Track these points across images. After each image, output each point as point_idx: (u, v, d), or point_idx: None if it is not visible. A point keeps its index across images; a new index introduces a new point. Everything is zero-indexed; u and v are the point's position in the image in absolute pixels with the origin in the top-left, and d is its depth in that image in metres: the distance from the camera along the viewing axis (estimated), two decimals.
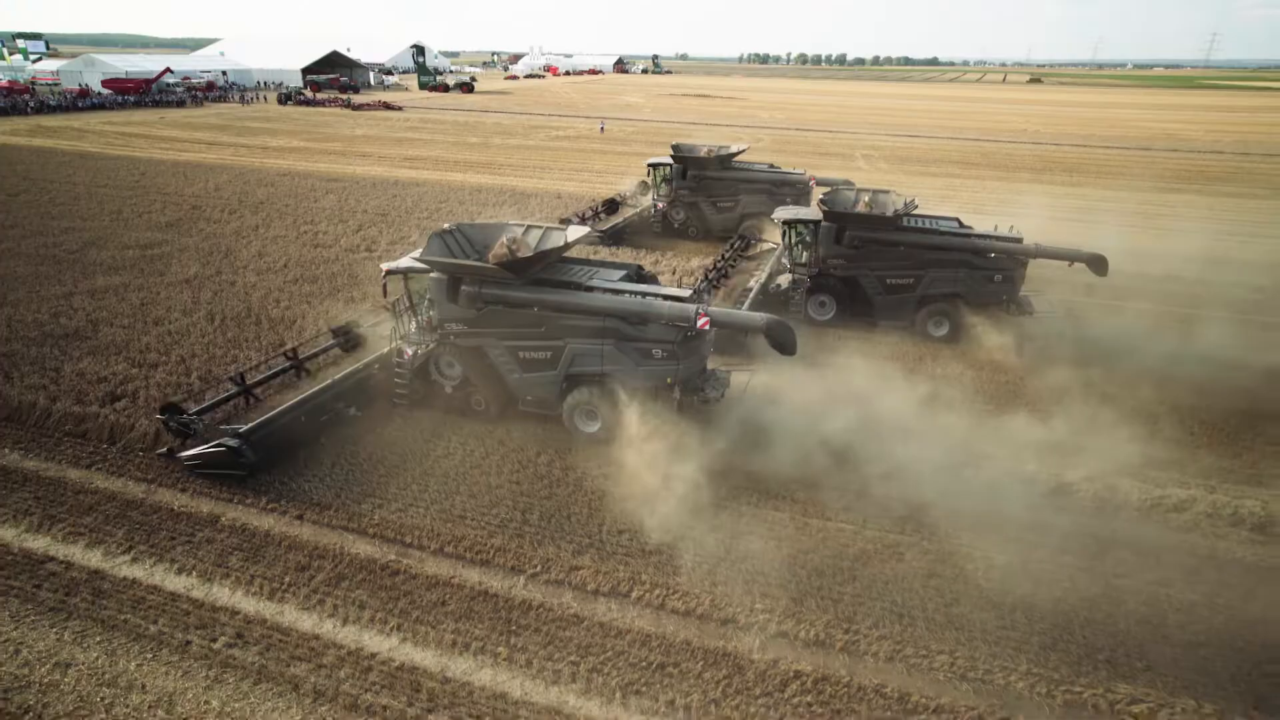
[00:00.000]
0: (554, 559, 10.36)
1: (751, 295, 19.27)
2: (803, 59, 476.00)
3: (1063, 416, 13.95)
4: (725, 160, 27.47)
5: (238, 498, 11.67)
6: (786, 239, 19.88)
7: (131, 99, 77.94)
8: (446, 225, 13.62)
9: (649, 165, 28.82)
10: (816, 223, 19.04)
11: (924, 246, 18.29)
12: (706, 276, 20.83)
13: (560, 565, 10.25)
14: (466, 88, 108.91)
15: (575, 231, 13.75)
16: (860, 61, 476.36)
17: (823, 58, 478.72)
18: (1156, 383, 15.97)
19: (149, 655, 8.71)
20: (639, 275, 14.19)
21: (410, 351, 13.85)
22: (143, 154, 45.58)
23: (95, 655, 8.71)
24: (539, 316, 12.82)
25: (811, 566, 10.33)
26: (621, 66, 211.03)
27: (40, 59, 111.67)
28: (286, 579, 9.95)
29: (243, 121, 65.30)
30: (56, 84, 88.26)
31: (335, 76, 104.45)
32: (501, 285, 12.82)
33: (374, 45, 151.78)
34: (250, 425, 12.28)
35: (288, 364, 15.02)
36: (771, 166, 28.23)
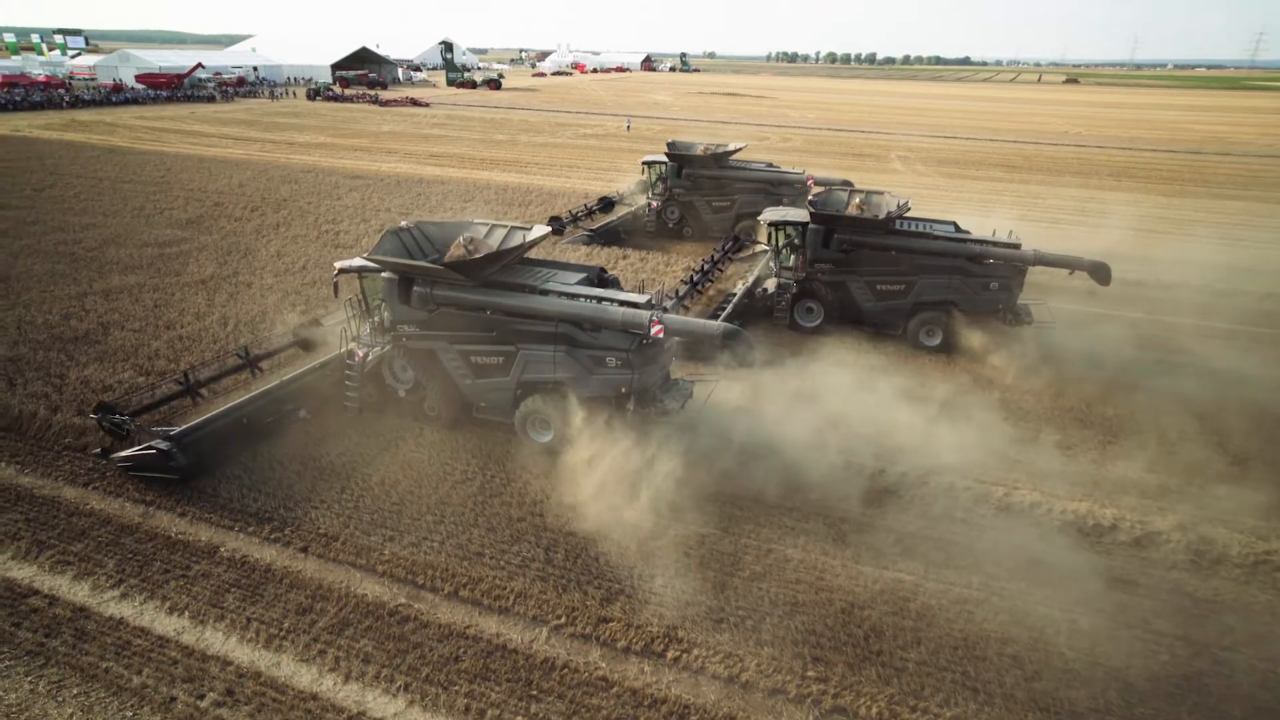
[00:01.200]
0: (580, 608, 9.32)
1: (734, 300, 18.37)
2: (831, 58, 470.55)
3: (1128, 447, 12.66)
4: (721, 158, 26.63)
5: (239, 525, 10.78)
6: (774, 242, 18.97)
7: (164, 94, 78.46)
8: (404, 222, 13.14)
9: (644, 163, 27.97)
10: (804, 225, 18.14)
11: (916, 251, 17.32)
12: (689, 279, 19.87)
13: (587, 616, 9.20)
14: (494, 84, 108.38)
15: (536, 231, 13.07)
16: (890, 61, 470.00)
17: (852, 57, 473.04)
18: (1213, 410, 14.62)
19: (128, 714, 7.81)
20: (600, 279, 13.37)
21: (361, 353, 13.21)
22: (171, 149, 45.40)
23: (70, 712, 7.83)
24: (491, 320, 12.26)
25: (869, 625, 9.17)
26: (649, 64, 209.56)
27: (79, 54, 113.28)
28: (286, 624, 9.01)
29: (271, 117, 65.23)
30: (93, 79, 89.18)
31: (364, 73, 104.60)
32: (453, 287, 12.27)
33: (403, 42, 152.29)
34: (183, 428, 11.72)
35: (240, 363, 14.50)
36: (770, 166, 27.31)
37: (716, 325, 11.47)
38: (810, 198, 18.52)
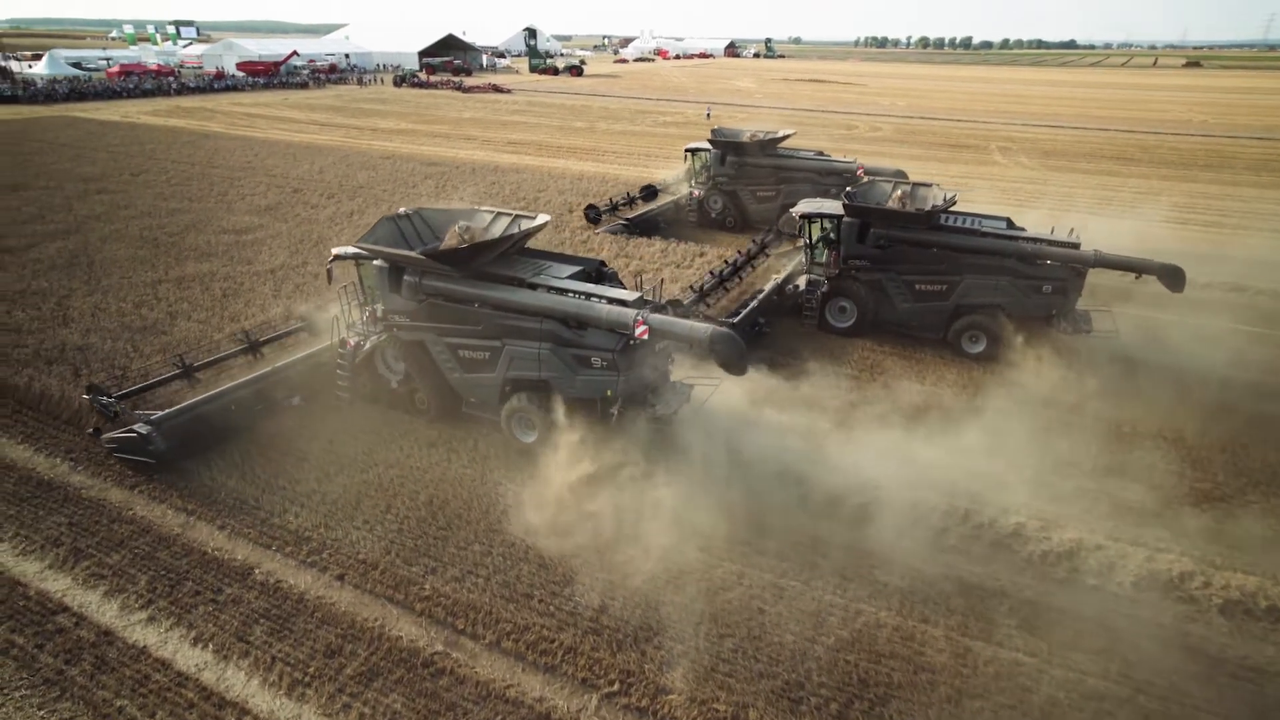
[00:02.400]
0: (636, 674, 8.11)
1: (760, 297, 17.38)
2: (924, 42, 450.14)
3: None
4: (767, 146, 25.25)
5: (277, 544, 10.08)
6: (806, 236, 17.70)
7: (261, 81, 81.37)
8: (402, 209, 12.74)
9: (687, 150, 26.74)
10: (838, 218, 16.84)
11: (959, 249, 15.85)
12: (715, 273, 18.73)
13: (643, 685, 7.99)
14: (576, 71, 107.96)
15: (536, 220, 12.35)
16: (988, 45, 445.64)
17: (946, 41, 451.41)
18: None
19: None
20: (599, 273, 12.55)
21: (354, 342, 12.98)
22: (261, 134, 46.57)
23: None
24: (478, 314, 11.75)
25: None
26: (733, 50, 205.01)
27: (191, 44, 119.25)
28: (312, 667, 8.18)
29: (357, 103, 66.50)
30: (199, 67, 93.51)
31: (449, 59, 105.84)
32: (442, 277, 11.83)
33: (489, 29, 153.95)
34: (164, 413, 11.79)
35: (243, 347, 14.41)
36: (820, 154, 25.81)
37: (704, 329, 10.33)
38: (848, 189, 17.24)
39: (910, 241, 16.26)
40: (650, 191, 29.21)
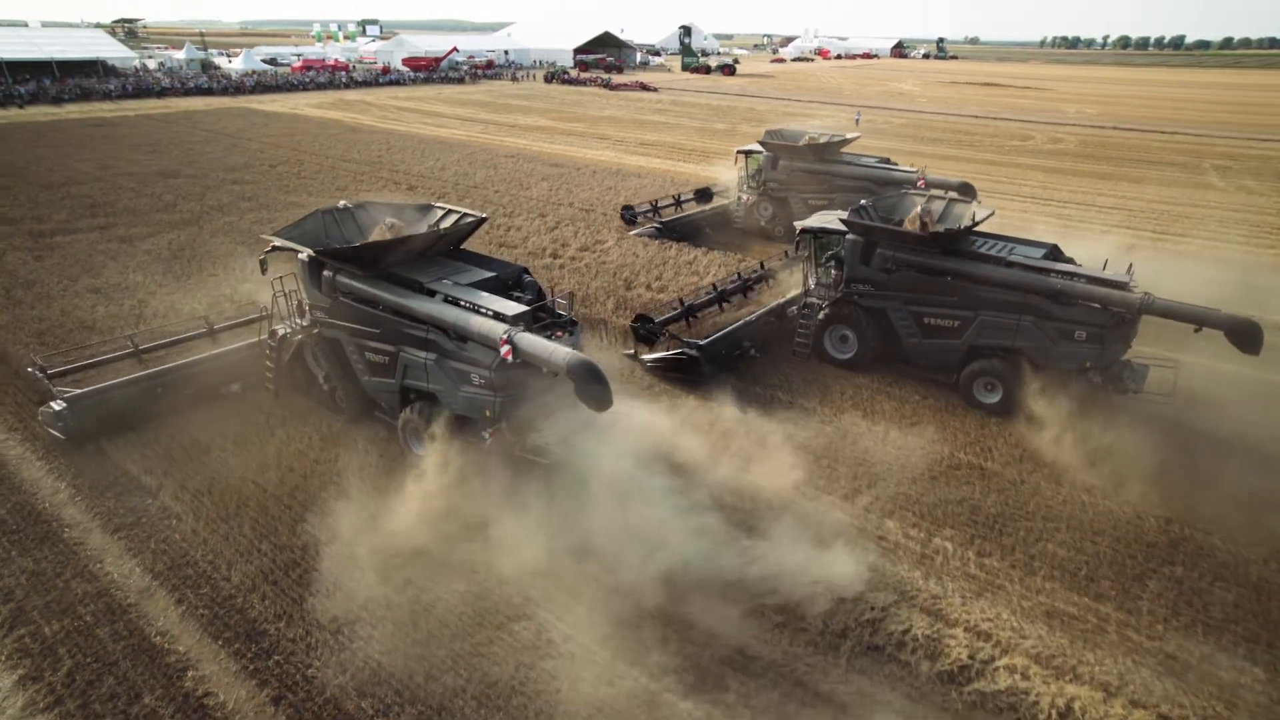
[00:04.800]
0: None
1: (749, 319, 15.81)
2: (1124, 42, 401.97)
3: None
4: (822, 150, 23.35)
5: (227, 639, 8.39)
6: (810, 253, 15.89)
7: (422, 75, 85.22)
8: (343, 202, 12.67)
9: (739, 152, 24.89)
10: (841, 235, 14.99)
11: (975, 279, 13.47)
12: (714, 287, 17.28)
13: None
14: (728, 70, 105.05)
15: (455, 218, 12.28)
16: (1204, 45, 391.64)
17: (1151, 40, 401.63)
18: None
19: None
20: (517, 282, 11.59)
21: (282, 333, 12.76)
22: (404, 128, 47.72)
23: None
24: (379, 316, 11.26)
25: None
26: (900, 51, 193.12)
27: (373, 41, 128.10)
28: None
29: (505, 99, 67.49)
30: (373, 62, 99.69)
31: (602, 57, 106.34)
32: (351, 276, 11.44)
33: (646, 26, 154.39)
34: (80, 391, 12.10)
35: (201, 331, 14.41)
36: (886, 161, 23.44)
37: (565, 355, 9.10)
38: (863, 201, 15.37)
39: (919, 266, 14.05)
40: (704, 193, 27.05)
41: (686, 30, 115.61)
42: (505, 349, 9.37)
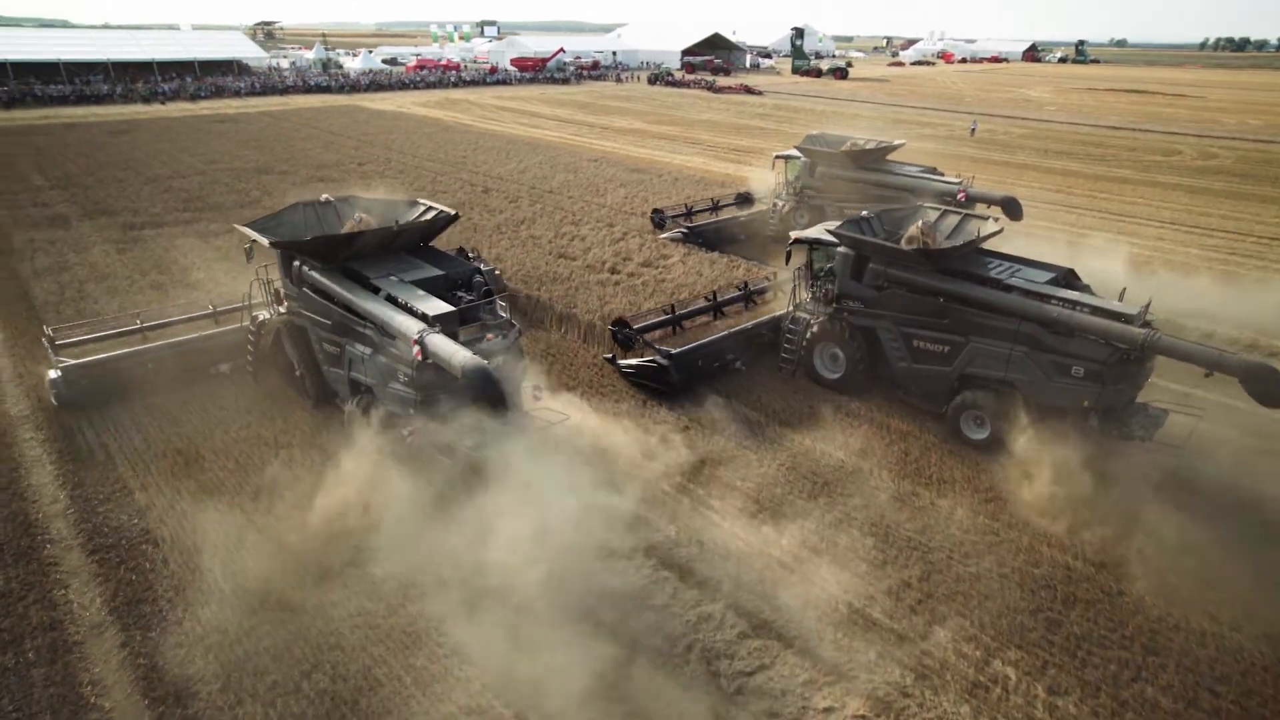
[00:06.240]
0: None
1: (736, 329, 15.44)
2: None
3: None
4: (861, 157, 22.49)
5: (161, 710, 7.60)
6: (806, 264, 15.11)
7: (529, 76, 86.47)
8: (324, 196, 13.18)
9: (777, 157, 24.54)
10: (830, 248, 14.31)
11: (969, 301, 12.50)
12: (712, 296, 17.09)
13: None
14: (840, 74, 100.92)
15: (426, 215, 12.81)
16: None
17: None
18: None
19: None
20: (467, 282, 11.61)
21: (262, 319, 13.29)
22: (499, 127, 48.00)
23: None
24: (329, 309, 11.61)
25: None
26: (1032, 54, 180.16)
27: (490, 41, 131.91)
28: None
29: (604, 100, 67.13)
30: (486, 62, 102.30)
31: (709, 59, 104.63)
32: (313, 268, 11.78)
33: (759, 27, 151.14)
34: (76, 362, 12.98)
35: (204, 313, 15.09)
36: (931, 171, 22.50)
37: (463, 358, 9.15)
38: (864, 212, 14.83)
39: (909, 285, 13.16)
40: (745, 199, 26.22)
41: (799, 32, 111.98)
42: (415, 349, 9.65)
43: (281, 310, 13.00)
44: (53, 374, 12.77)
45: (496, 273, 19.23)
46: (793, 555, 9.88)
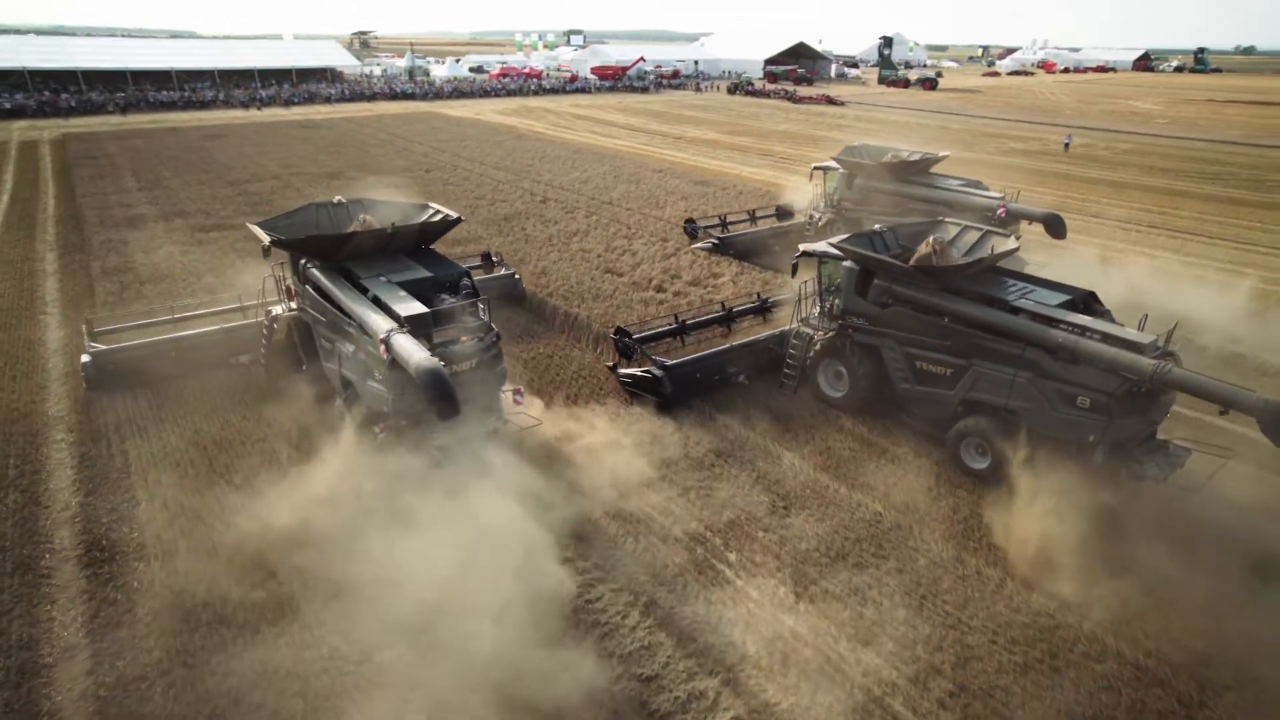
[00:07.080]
0: None
1: (739, 342, 15.13)
2: None
3: None
4: (899, 169, 21.63)
5: None
6: (817, 279, 14.61)
7: (608, 84, 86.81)
8: (338, 197, 13.84)
9: (814, 169, 23.79)
10: (836, 261, 13.92)
11: (973, 323, 11.74)
12: (724, 306, 16.81)
13: None
14: (929, 84, 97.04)
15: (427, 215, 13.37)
16: None
17: None
18: None
19: None
20: (455, 286, 11.87)
21: (275, 313, 13.61)
22: (571, 135, 48.01)
23: None
24: (325, 306, 11.88)
25: None
26: (1144, 63, 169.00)
27: (575, 50, 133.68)
28: None
29: (680, 110, 66.50)
30: (569, 70, 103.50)
31: (792, 68, 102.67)
32: (315, 266, 12.19)
33: (848, 37, 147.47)
34: (106, 347, 13.77)
35: (232, 306, 15.52)
36: (975, 185, 21.33)
37: (417, 360, 9.43)
38: (876, 226, 14.53)
39: (913, 303, 12.61)
40: (783, 212, 25.32)
41: (887, 41, 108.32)
42: (382, 348, 9.89)
43: (292, 306, 13.56)
44: (85, 358, 13.53)
45: (517, 277, 18.86)
46: (810, 628, 8.77)
